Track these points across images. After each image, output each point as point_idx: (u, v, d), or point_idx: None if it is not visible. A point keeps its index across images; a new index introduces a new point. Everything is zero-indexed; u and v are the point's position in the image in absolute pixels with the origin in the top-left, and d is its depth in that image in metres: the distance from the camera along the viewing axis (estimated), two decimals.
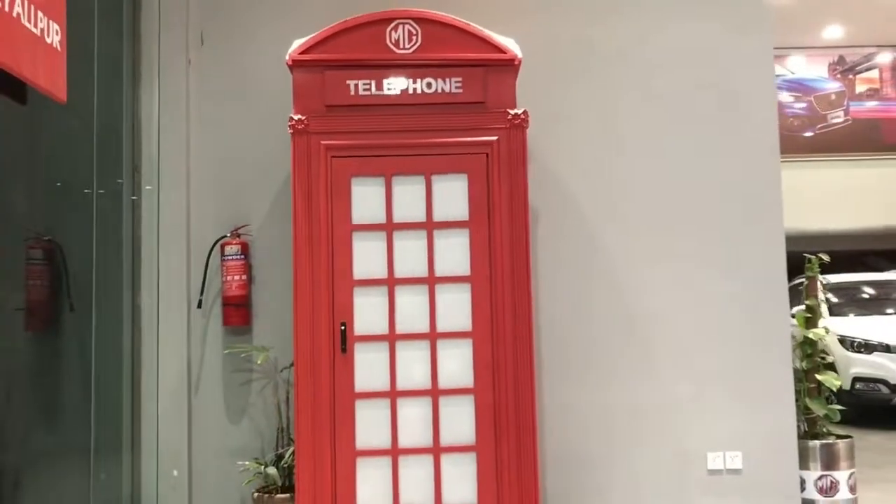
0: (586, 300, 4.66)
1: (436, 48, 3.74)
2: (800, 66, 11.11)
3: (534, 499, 3.61)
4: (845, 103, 11.01)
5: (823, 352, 4.87)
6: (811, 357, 4.82)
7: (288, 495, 3.99)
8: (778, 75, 11.20)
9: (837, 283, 8.83)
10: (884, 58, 11.10)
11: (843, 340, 8.09)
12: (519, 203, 3.73)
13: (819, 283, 4.97)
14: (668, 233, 4.70)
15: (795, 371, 4.80)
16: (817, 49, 11.01)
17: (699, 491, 4.59)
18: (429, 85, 3.74)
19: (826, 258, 5.00)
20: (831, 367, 4.99)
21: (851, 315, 8.65)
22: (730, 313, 4.64)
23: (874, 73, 11.08)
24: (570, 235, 4.69)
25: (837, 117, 10.95)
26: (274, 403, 4.38)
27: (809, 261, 4.99)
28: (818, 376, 4.77)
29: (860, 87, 11.06)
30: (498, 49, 3.75)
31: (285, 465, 4.12)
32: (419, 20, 3.76)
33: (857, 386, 7.97)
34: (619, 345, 4.65)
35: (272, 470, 4.15)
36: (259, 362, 4.25)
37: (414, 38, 3.74)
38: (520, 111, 3.74)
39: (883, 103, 11.00)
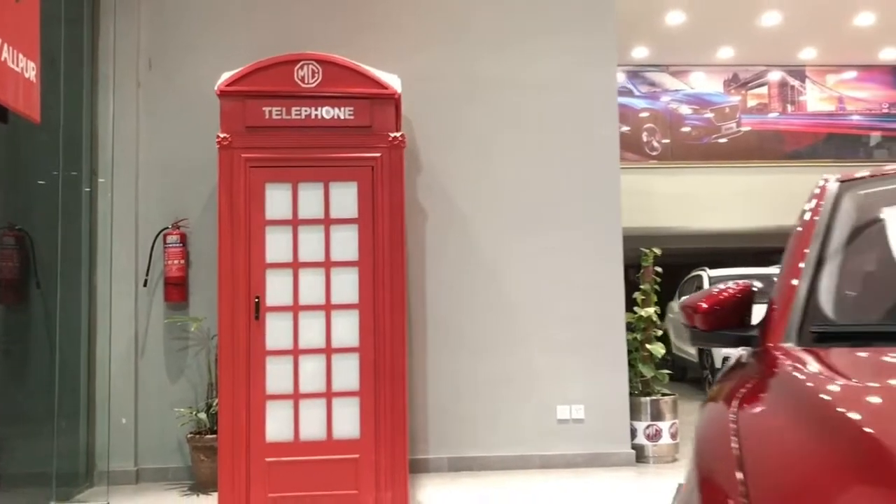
0: (465, 284, 5.77)
1: (333, 84, 4.79)
2: (699, 82, 12.37)
3: (403, 432, 4.68)
4: (738, 116, 12.31)
5: (656, 326, 6.03)
6: (644, 331, 5.97)
7: (215, 436, 5.01)
8: (679, 90, 12.46)
9: (717, 276, 10.06)
10: (773, 76, 12.42)
11: None
12: (397, 206, 4.79)
13: (652, 272, 6.11)
14: (531, 229, 5.83)
15: (632, 341, 5.97)
16: (715, 66, 12.27)
17: (551, 436, 5.72)
18: (327, 112, 4.79)
19: (658, 251, 6.14)
20: (662, 338, 6.13)
21: None
22: (578, 296, 5.79)
23: (764, 90, 12.39)
24: (453, 231, 5.80)
25: (730, 128, 12.24)
26: (205, 363, 5.41)
27: (645, 254, 6.13)
28: (649, 346, 5.92)
29: (751, 102, 12.37)
30: (381, 86, 4.81)
31: (213, 412, 5.14)
32: (321, 61, 4.81)
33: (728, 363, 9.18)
34: (491, 321, 5.76)
35: (203, 415, 5.18)
36: (193, 329, 5.28)
37: (316, 75, 4.79)
38: (398, 134, 4.80)
39: (770, 116, 12.32)
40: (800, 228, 1.87)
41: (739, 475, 0.97)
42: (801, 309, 1.51)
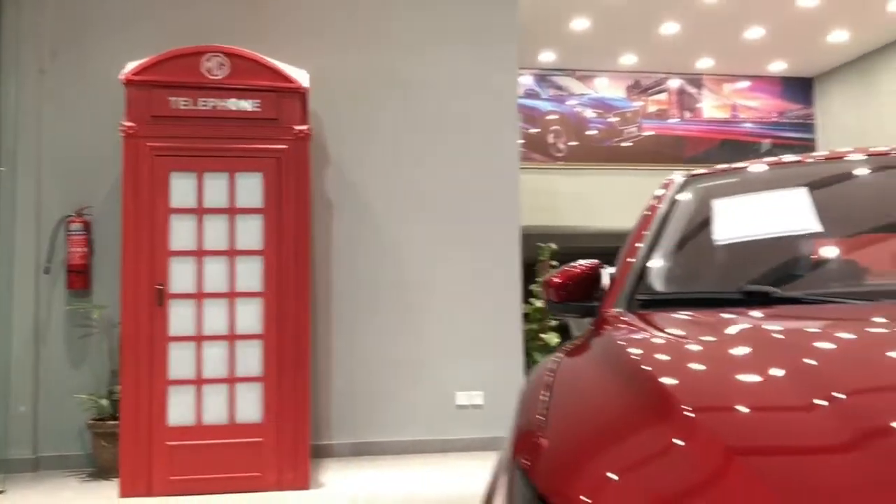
0: (370, 274, 5.95)
1: (241, 76, 4.90)
2: (604, 87, 12.87)
3: (305, 416, 4.84)
4: (640, 121, 12.86)
5: (550, 317, 6.35)
6: (540, 321, 6.28)
7: (117, 422, 5.04)
8: (584, 94, 12.91)
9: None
10: (672, 83, 13.01)
11: None
12: (302, 196, 4.94)
13: (548, 265, 6.43)
14: (435, 222, 6.05)
15: (529, 331, 6.27)
16: (618, 73, 12.79)
17: (451, 422, 5.96)
18: (234, 104, 4.90)
19: (554, 246, 6.47)
20: (556, 329, 6.45)
21: None
22: (479, 287, 6.05)
23: (664, 96, 12.98)
24: (360, 223, 5.97)
25: (633, 132, 12.78)
26: (107, 351, 5.43)
27: (542, 249, 6.45)
28: (543, 336, 6.24)
29: (651, 107, 12.94)
30: (288, 79, 4.95)
31: (115, 399, 5.16)
32: (228, 54, 4.91)
33: None
34: (395, 312, 5.97)
35: (104, 402, 5.21)
36: (95, 316, 5.29)
37: (224, 67, 4.89)
38: (304, 127, 4.95)
39: (669, 121, 12.92)
40: (646, 213, 2.13)
41: (542, 416, 1.17)
42: (633, 281, 1.76)
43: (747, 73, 13.11)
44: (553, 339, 6.24)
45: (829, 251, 1.75)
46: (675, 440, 0.93)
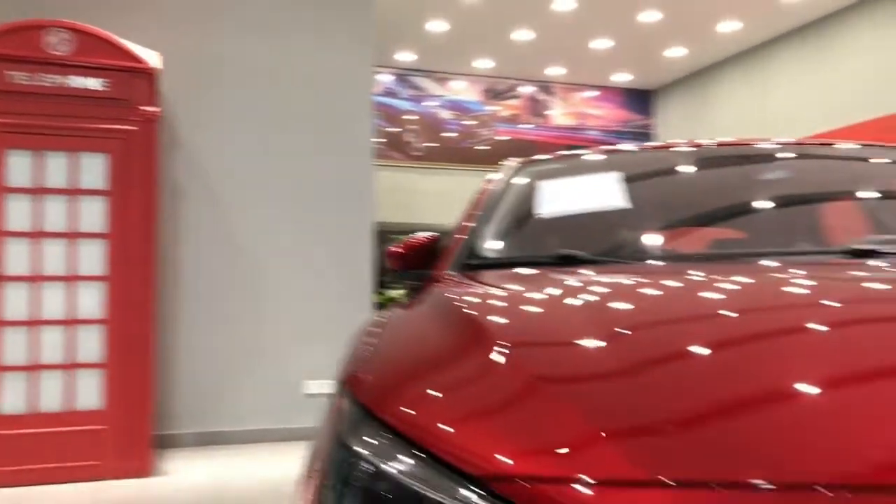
0: (219, 261, 5.89)
1: (86, 54, 4.75)
2: (460, 90, 13.22)
3: (148, 404, 4.75)
4: (494, 124, 13.31)
5: None
6: None
7: None
8: (441, 95, 13.22)
9: None
10: (525, 89, 13.56)
11: None
12: (150, 180, 4.85)
13: None
14: (287, 211, 6.07)
15: None
16: (474, 76, 13.18)
17: (299, 410, 5.99)
18: (79, 81, 4.74)
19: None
20: None
21: None
22: (330, 278, 6.12)
23: (516, 101, 13.51)
24: (211, 209, 5.90)
25: (487, 135, 13.22)
26: None
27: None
28: None
29: (505, 112, 13.44)
30: (137, 59, 4.85)
31: None
32: (73, 30, 4.75)
33: None
34: (244, 298, 5.94)
35: None
36: None
37: (68, 43, 4.73)
38: (153, 109, 4.86)
39: (522, 126, 13.47)
40: (479, 194, 2.31)
41: (370, 348, 1.29)
42: (464, 250, 1.93)
43: (594, 82, 13.84)
44: None
45: (634, 225, 1.98)
46: (491, 367, 1.07)
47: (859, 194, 2.17)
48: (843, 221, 2.14)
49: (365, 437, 0.94)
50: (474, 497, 0.78)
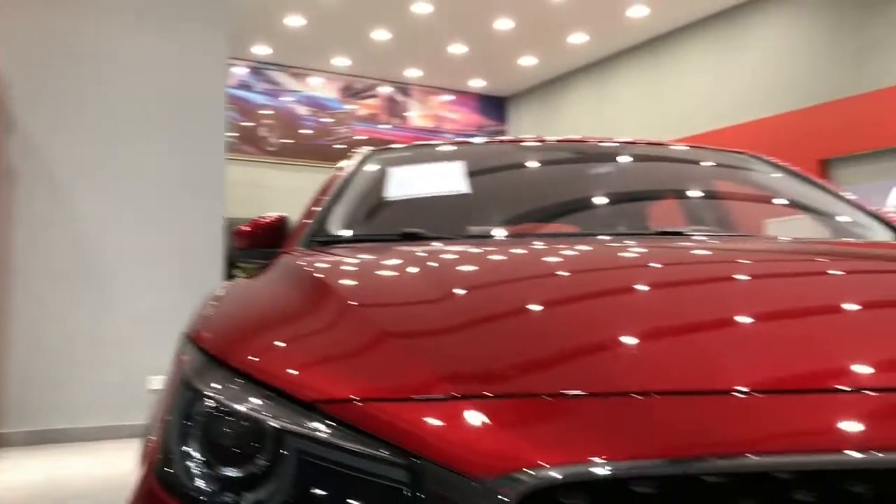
0: (57, 251, 5.62)
1: None
2: (317, 86, 13.16)
3: None
4: (351, 123, 13.34)
5: None
6: None
7: None
8: (298, 91, 13.11)
9: None
10: (383, 90, 13.67)
11: None
12: None
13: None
14: (131, 201, 5.87)
15: None
16: (332, 74, 13.15)
17: (143, 406, 5.80)
18: None
19: None
20: None
21: None
22: (177, 271, 5.96)
23: (374, 101, 13.60)
24: (48, 197, 5.62)
25: (343, 133, 13.22)
26: None
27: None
28: None
29: (363, 111, 13.49)
30: None
31: None
32: None
33: None
34: (87, 290, 5.69)
35: None
36: None
37: None
38: None
39: (379, 126, 13.56)
40: (329, 179, 2.38)
41: (214, 305, 1.33)
42: (313, 228, 1.99)
43: (451, 87, 14.14)
44: None
45: (475, 208, 2.13)
46: (339, 322, 1.14)
47: (675, 187, 2.41)
48: (660, 209, 2.38)
49: (211, 381, 0.99)
50: (312, 422, 0.86)
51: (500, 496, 0.72)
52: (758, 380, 0.84)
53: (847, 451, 0.72)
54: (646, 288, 1.26)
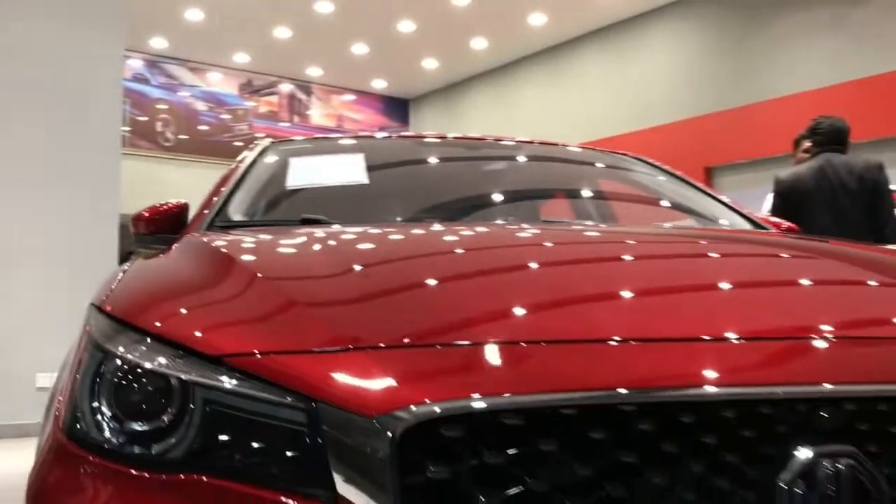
0: None
1: None
2: (216, 82, 12.93)
3: None
4: (251, 120, 13.16)
5: None
6: None
7: None
8: (196, 86, 12.85)
9: None
10: (284, 87, 13.55)
11: None
12: None
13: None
14: (22, 194, 5.68)
15: None
16: (232, 69, 12.95)
17: (29, 406, 5.61)
18: None
19: None
20: None
21: None
22: (68, 264, 5.80)
23: (275, 98, 13.47)
24: None
25: (243, 130, 13.04)
26: None
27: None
28: None
29: (263, 108, 13.34)
30: None
31: None
32: None
33: None
34: None
35: None
36: None
37: None
38: None
39: (280, 124, 13.44)
40: (230, 169, 2.42)
41: (118, 282, 1.37)
42: (212, 214, 2.03)
43: (354, 87, 14.14)
44: None
45: (372, 196, 2.23)
46: (241, 289, 1.21)
47: (564, 184, 2.58)
48: (549, 204, 2.55)
49: (120, 344, 1.04)
50: (219, 375, 0.93)
51: (388, 431, 0.81)
52: (619, 331, 0.97)
53: (699, 387, 0.86)
54: (528, 259, 1.40)
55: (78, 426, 1.01)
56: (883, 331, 1.07)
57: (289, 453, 0.88)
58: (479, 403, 0.82)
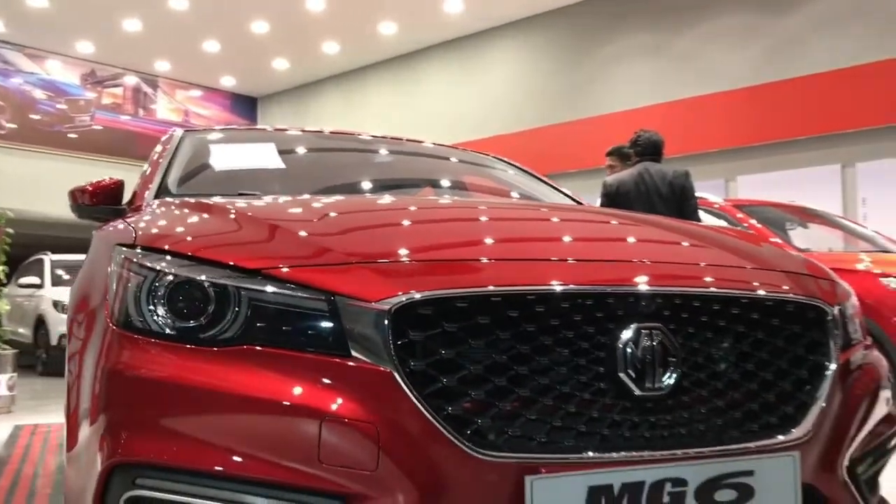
0: None
1: None
2: (56, 70, 12.52)
3: None
4: (93, 111, 12.82)
5: (2, 284, 6.24)
6: None
7: None
8: (34, 73, 12.38)
9: (59, 260, 10.32)
10: (129, 80, 13.30)
11: (56, 304, 9.54)
12: None
13: (3, 231, 6.30)
14: None
15: None
16: (75, 59, 12.58)
17: None
18: None
19: (11, 214, 6.37)
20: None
21: (67, 286, 10.20)
22: None
23: (119, 90, 13.19)
24: None
25: (84, 121, 12.68)
26: None
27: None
28: None
29: (106, 100, 13.03)
30: None
31: None
32: None
33: (63, 341, 9.53)
34: None
35: None
36: None
37: None
38: None
39: (123, 117, 13.16)
40: (155, 155, 2.75)
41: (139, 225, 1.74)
42: (155, 189, 2.37)
43: (201, 82, 14.09)
44: (4, 306, 6.14)
45: (284, 178, 2.66)
46: (253, 227, 1.61)
47: (438, 172, 3.13)
48: (428, 178, 3.11)
49: (159, 259, 1.44)
50: (257, 282, 1.36)
51: (385, 309, 1.28)
52: (508, 254, 1.53)
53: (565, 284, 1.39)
54: (445, 215, 1.91)
55: (134, 323, 1.39)
56: (672, 255, 1.70)
57: (316, 331, 1.32)
58: (439, 293, 1.31)
